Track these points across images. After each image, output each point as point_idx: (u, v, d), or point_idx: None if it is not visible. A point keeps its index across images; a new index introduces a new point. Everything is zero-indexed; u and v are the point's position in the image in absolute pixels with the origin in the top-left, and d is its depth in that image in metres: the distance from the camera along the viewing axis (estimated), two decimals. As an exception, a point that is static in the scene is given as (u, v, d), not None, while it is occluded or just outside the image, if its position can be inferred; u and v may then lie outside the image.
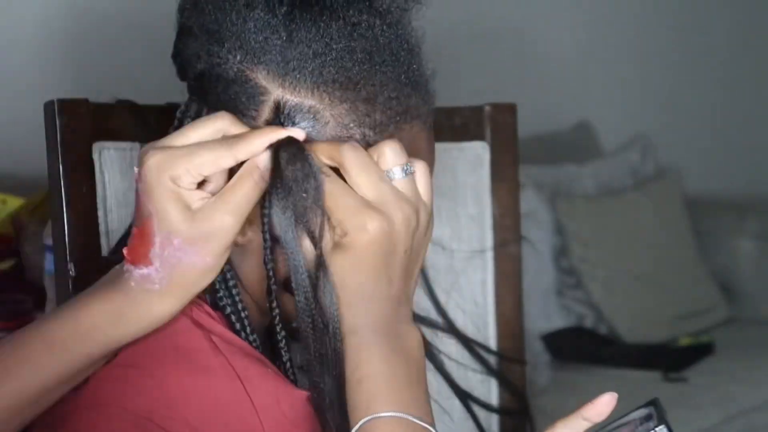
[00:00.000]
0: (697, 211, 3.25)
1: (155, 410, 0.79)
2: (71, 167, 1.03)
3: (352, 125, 0.83)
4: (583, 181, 3.04)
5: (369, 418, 0.78)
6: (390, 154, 0.81)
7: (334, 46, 0.82)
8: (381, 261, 0.80)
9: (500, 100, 1.25)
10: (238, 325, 0.85)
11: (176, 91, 1.00)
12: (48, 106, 1.04)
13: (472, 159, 1.23)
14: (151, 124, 1.07)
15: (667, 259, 3.03)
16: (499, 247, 1.23)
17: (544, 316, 2.79)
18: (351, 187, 0.80)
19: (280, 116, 0.82)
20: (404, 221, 0.80)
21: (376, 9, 0.84)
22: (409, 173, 0.81)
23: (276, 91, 0.82)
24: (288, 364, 0.85)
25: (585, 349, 2.75)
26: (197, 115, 0.85)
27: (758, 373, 2.68)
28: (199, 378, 0.80)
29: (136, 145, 1.07)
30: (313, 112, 0.82)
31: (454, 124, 1.21)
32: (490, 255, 1.23)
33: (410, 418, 0.78)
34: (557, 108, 3.26)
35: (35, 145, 1.21)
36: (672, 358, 2.74)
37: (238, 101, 0.83)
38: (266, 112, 0.82)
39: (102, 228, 1.05)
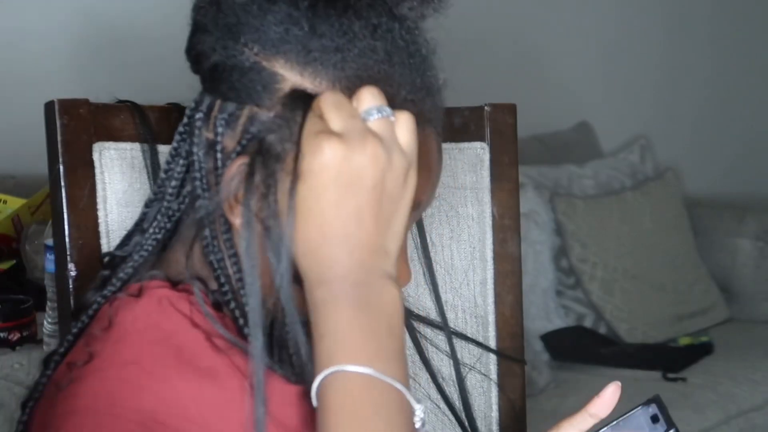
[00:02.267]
0: (697, 211, 3.25)
1: (159, 410, 0.78)
2: (71, 167, 1.03)
3: None
4: (583, 181, 3.04)
5: (328, 372, 0.75)
6: (366, 94, 0.80)
7: (357, 44, 0.83)
8: (344, 191, 0.76)
9: (500, 100, 1.25)
10: (242, 321, 0.84)
11: (176, 92, 1.00)
12: (48, 107, 1.04)
13: (471, 159, 1.23)
14: (151, 124, 1.07)
15: (667, 259, 3.03)
16: (499, 247, 1.23)
17: (544, 316, 2.79)
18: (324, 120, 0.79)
19: (297, 102, 0.81)
20: (371, 154, 0.77)
21: (395, 14, 0.85)
22: (386, 115, 0.79)
23: (294, 78, 0.82)
24: (294, 358, 0.83)
25: (584, 349, 2.75)
26: (209, 109, 0.85)
27: (757, 373, 2.68)
28: (203, 377, 0.80)
29: (136, 145, 1.07)
30: None
31: (454, 124, 1.21)
32: (490, 255, 1.23)
33: (370, 371, 0.74)
34: (557, 108, 3.26)
35: (35, 145, 1.21)
36: (671, 358, 2.74)
37: (252, 89, 0.83)
38: (281, 99, 0.82)
39: (102, 228, 1.05)
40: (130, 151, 1.06)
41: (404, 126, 0.80)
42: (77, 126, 1.04)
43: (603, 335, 2.84)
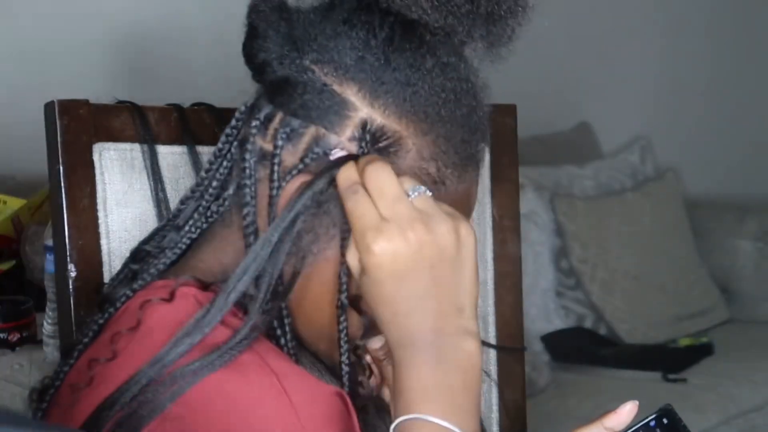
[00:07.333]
0: (697, 211, 3.25)
1: (182, 403, 0.78)
2: (71, 168, 1.03)
3: (430, 158, 0.84)
4: (583, 181, 3.04)
5: (405, 418, 0.78)
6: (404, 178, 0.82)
7: (428, 80, 0.83)
8: (401, 282, 0.79)
9: (500, 100, 1.25)
10: (279, 331, 0.85)
11: (176, 92, 1.00)
12: (48, 107, 1.04)
13: (471, 159, 1.22)
14: (151, 124, 1.07)
15: (667, 259, 3.03)
16: (499, 247, 1.23)
17: (544, 316, 2.79)
18: (371, 206, 0.80)
19: (365, 135, 0.83)
20: (417, 242, 0.79)
21: (462, 53, 0.86)
22: (422, 192, 0.81)
23: (365, 110, 0.83)
24: (346, 377, 0.86)
25: (584, 350, 2.75)
26: (267, 119, 0.85)
27: (757, 374, 2.68)
28: (233, 373, 0.80)
29: (136, 145, 1.07)
30: (397, 138, 0.83)
31: (454, 125, 1.21)
32: (490, 255, 1.23)
33: (444, 423, 0.78)
34: (557, 108, 3.26)
35: (35, 145, 1.21)
36: (671, 359, 2.74)
37: (324, 112, 0.83)
38: (351, 128, 0.83)
39: (102, 228, 1.05)
40: (130, 152, 1.07)
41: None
42: (77, 126, 1.04)
43: (603, 336, 2.84)
